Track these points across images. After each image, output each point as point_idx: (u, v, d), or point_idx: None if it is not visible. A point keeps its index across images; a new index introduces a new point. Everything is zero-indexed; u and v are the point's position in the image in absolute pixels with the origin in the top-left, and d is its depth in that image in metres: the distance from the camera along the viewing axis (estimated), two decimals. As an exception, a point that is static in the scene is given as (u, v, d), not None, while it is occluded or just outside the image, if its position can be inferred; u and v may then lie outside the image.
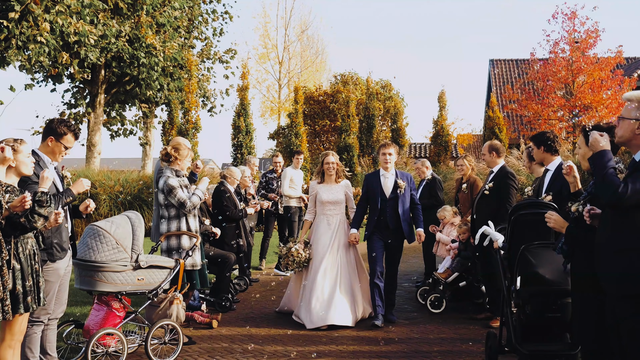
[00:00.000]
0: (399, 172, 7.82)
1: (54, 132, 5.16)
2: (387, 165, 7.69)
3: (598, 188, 3.80)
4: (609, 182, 3.70)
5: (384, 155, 7.71)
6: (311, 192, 7.98)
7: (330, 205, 7.80)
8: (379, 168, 7.84)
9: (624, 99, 4.00)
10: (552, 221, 4.50)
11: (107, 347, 5.65)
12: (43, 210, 4.31)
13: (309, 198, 8.07)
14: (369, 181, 7.80)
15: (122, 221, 5.88)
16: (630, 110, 3.90)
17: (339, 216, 7.83)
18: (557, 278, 5.06)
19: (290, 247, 7.68)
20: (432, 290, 8.34)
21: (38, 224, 4.32)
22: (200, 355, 6.26)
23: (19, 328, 4.47)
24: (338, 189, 7.88)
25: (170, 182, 6.70)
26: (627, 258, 3.70)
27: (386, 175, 7.70)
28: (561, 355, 5.36)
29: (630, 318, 3.71)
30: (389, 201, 7.61)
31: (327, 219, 7.80)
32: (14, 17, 13.00)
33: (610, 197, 3.66)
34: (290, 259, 7.62)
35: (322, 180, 7.91)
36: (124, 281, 5.78)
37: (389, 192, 7.63)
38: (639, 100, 3.88)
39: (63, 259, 5.15)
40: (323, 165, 7.90)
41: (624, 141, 3.94)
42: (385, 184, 7.67)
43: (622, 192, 3.61)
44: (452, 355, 6.28)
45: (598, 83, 23.21)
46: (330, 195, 7.80)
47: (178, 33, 23.27)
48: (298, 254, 7.61)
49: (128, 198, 17.30)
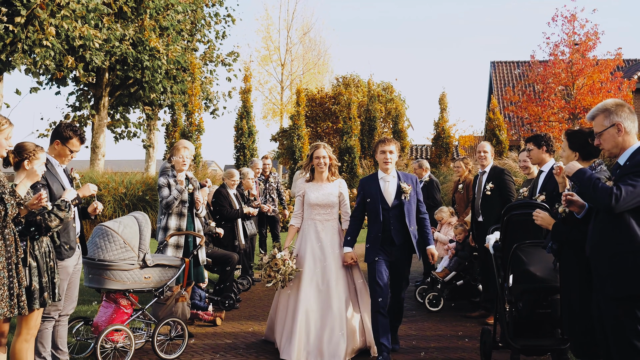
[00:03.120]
0: (402, 174, 6.36)
1: (60, 135, 5.37)
2: (388, 166, 6.22)
3: (592, 198, 3.96)
4: (600, 189, 3.85)
5: (384, 153, 6.22)
6: (298, 191, 6.61)
7: (320, 209, 6.45)
8: (377, 170, 6.42)
9: (588, 120, 4.21)
10: (539, 219, 4.70)
11: (115, 343, 5.86)
12: (61, 213, 4.66)
13: (295, 199, 6.68)
14: (366, 187, 6.29)
15: (129, 221, 6.11)
16: (602, 121, 4.09)
17: (331, 222, 6.48)
18: (547, 276, 5.25)
19: (275, 254, 6.27)
20: (431, 289, 8.54)
21: (53, 224, 4.58)
22: (204, 351, 6.48)
23: (34, 323, 4.70)
24: (330, 188, 6.51)
25: (159, 180, 7.22)
26: (622, 260, 3.86)
27: (386, 179, 6.23)
28: (552, 350, 5.59)
29: (618, 318, 3.88)
30: (392, 210, 6.15)
31: (316, 225, 6.45)
32: (20, 21, 13.21)
33: (607, 202, 3.80)
34: (273, 269, 6.22)
35: (312, 177, 6.59)
36: (131, 279, 6.00)
37: (391, 199, 6.17)
38: (602, 110, 4.10)
39: (71, 257, 5.35)
40: (312, 159, 6.53)
41: (613, 152, 4.11)
42: (386, 189, 6.20)
43: (616, 194, 3.79)
44: (448, 351, 6.49)
45: (597, 85, 23.41)
46: (321, 196, 6.45)
47: (181, 36, 23.51)
48: (284, 262, 6.21)
49: (132, 200, 17.51)
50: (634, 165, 3.89)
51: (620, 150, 4.07)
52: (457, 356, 6.30)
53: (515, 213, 5.67)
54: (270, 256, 6.29)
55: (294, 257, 6.33)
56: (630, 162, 3.94)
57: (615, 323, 3.89)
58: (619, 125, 4.01)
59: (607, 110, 4.06)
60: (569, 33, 24.26)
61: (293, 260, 6.26)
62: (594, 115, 4.13)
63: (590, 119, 4.16)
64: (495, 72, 34.66)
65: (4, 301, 4.25)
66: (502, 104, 29.89)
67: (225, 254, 8.39)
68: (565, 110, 23.96)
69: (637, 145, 4.01)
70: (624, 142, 4.04)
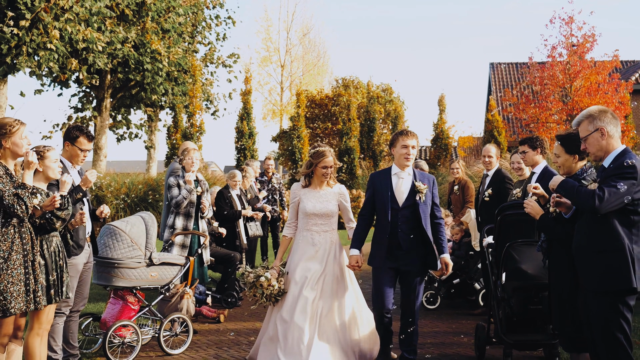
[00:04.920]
0: (419, 172, 5.71)
1: (68, 136, 5.62)
2: (408, 162, 5.57)
3: (577, 203, 4.21)
4: (583, 194, 4.12)
5: (405, 148, 5.53)
6: (292, 198, 5.91)
7: (317, 219, 5.74)
8: (391, 165, 5.75)
9: (574, 126, 4.46)
10: (529, 207, 4.91)
11: (123, 338, 6.09)
12: (60, 213, 4.75)
13: (290, 206, 6.03)
14: (376, 182, 5.67)
15: (136, 221, 6.35)
16: (587, 126, 4.34)
17: (328, 234, 5.77)
18: (538, 273, 5.48)
19: (260, 274, 5.65)
20: (428, 288, 8.75)
21: (57, 225, 4.78)
22: (208, 346, 6.70)
23: (46, 318, 4.91)
24: (329, 196, 5.81)
25: (169, 181, 7.54)
26: (606, 258, 4.13)
27: (401, 175, 5.59)
28: (543, 345, 5.82)
29: (602, 312, 4.14)
30: (403, 211, 5.51)
31: (312, 236, 5.75)
32: (25, 25, 13.42)
33: (590, 204, 4.05)
34: (258, 290, 5.63)
35: (309, 183, 5.85)
36: (138, 277, 6.23)
37: (402, 197, 5.53)
38: (586, 116, 4.36)
39: (80, 255, 5.55)
40: (316, 166, 5.77)
41: (598, 156, 4.35)
42: (399, 186, 5.56)
43: (599, 196, 4.03)
44: (444, 346, 6.71)
45: (595, 87, 23.62)
46: (318, 205, 5.75)
47: (182, 38, 23.73)
48: (268, 285, 5.58)
49: (134, 200, 17.74)
50: (617, 168, 4.13)
51: (605, 154, 4.31)
52: (452, 351, 6.52)
53: (508, 213, 5.90)
54: (254, 276, 5.67)
55: (284, 275, 5.69)
56: (614, 164, 4.19)
57: (600, 317, 4.13)
58: (602, 129, 4.24)
59: (591, 116, 4.30)
60: (566, 35, 24.47)
61: (280, 281, 5.61)
62: (579, 121, 4.38)
63: (576, 125, 4.41)
64: (494, 73, 34.88)
65: (20, 296, 4.48)
66: (501, 105, 30.11)
67: (228, 254, 8.61)
68: (563, 111, 24.17)
69: (620, 149, 4.25)
70: (608, 145, 4.28)
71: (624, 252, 4.07)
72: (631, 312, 4.15)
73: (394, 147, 5.64)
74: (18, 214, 4.42)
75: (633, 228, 4.11)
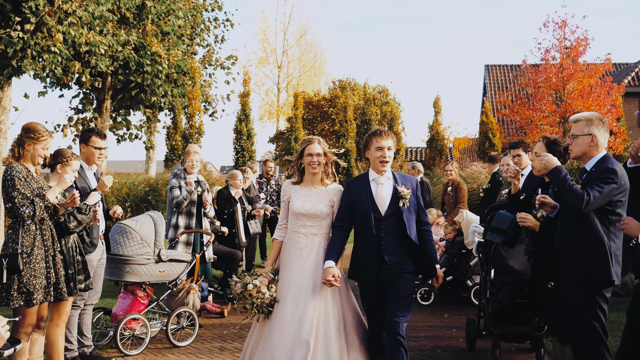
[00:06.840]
0: (399, 175, 5.10)
1: (82, 138, 6.02)
2: (385, 167, 4.96)
3: (565, 198, 4.54)
4: (574, 192, 4.45)
5: (380, 149, 4.94)
6: (283, 196, 5.21)
7: (306, 220, 5.00)
8: (368, 170, 5.12)
9: (571, 120, 4.81)
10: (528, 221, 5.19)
11: (133, 331, 6.44)
12: (80, 216, 5.15)
13: (281, 205, 5.33)
14: (353, 189, 4.98)
15: (145, 220, 6.71)
16: (582, 128, 4.69)
17: (318, 237, 4.99)
18: (525, 269, 5.86)
19: (247, 282, 4.88)
20: (422, 284, 9.11)
21: (71, 225, 5.12)
22: (213, 339, 7.06)
23: (64, 309, 5.28)
24: (321, 195, 5.05)
25: (171, 182, 7.95)
26: (585, 253, 4.51)
27: (380, 180, 4.96)
28: (530, 337, 6.19)
29: (580, 302, 4.52)
30: (386, 221, 4.87)
31: (299, 239, 4.99)
32: (29, 28, 13.73)
33: (578, 205, 4.40)
34: (247, 300, 4.86)
35: (301, 180, 5.15)
36: (147, 273, 6.58)
37: (385, 206, 4.89)
38: (586, 118, 4.69)
39: (93, 252, 5.90)
40: (304, 156, 5.09)
41: (578, 156, 4.72)
42: (379, 193, 4.92)
43: (586, 200, 4.39)
44: (437, 339, 7.08)
45: (587, 90, 24.03)
46: (308, 204, 5.01)
47: (181, 40, 24.07)
48: (257, 293, 4.81)
49: (135, 200, 18.05)
50: (600, 172, 4.49)
51: (587, 158, 4.67)
52: (444, 344, 6.89)
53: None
54: (242, 285, 4.90)
55: (276, 282, 4.94)
56: (597, 169, 4.55)
57: (579, 307, 4.51)
58: (594, 137, 4.60)
59: (590, 120, 4.64)
60: (559, 38, 24.86)
61: (272, 289, 4.87)
62: (578, 119, 4.71)
63: (573, 121, 4.74)
64: (489, 75, 35.29)
65: (42, 289, 4.83)
66: (495, 107, 30.51)
67: (229, 251, 8.94)
68: (556, 114, 24.56)
69: (602, 154, 4.62)
70: (592, 150, 4.65)
71: (604, 249, 4.45)
72: (607, 303, 4.53)
73: (368, 150, 5.04)
74: (24, 217, 4.78)
75: (611, 227, 4.49)
